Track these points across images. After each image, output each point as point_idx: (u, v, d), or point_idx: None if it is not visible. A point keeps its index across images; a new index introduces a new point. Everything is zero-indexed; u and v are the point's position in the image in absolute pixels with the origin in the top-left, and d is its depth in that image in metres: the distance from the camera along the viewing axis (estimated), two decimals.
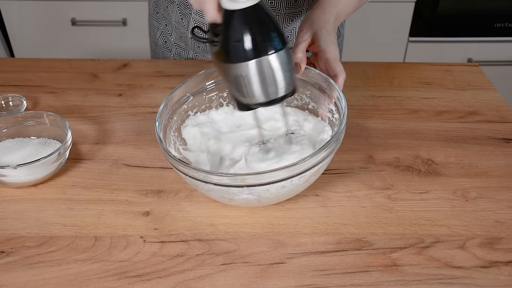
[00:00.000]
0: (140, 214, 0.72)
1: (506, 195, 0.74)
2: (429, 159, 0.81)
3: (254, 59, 0.59)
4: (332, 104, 0.75)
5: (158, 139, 0.69)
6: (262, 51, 0.59)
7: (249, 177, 0.62)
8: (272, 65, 0.60)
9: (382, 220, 0.70)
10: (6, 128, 0.82)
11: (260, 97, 0.62)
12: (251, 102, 0.63)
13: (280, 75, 0.61)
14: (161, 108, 0.73)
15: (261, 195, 0.66)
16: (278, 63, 0.60)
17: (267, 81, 0.61)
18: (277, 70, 0.60)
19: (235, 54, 0.60)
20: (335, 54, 0.74)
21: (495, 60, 1.95)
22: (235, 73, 0.61)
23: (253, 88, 0.61)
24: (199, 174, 0.64)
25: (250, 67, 0.60)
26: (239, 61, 0.60)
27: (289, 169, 0.62)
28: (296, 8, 0.98)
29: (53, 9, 1.86)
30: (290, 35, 1.02)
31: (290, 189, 0.67)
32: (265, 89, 0.61)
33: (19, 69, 1.04)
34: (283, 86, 0.62)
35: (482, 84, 1.00)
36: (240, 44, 0.59)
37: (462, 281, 0.62)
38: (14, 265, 0.64)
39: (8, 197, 0.75)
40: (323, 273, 0.63)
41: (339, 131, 0.66)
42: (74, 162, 0.81)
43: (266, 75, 0.60)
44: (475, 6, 1.87)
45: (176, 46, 1.08)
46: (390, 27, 1.90)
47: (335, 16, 0.77)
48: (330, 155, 0.67)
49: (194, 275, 0.63)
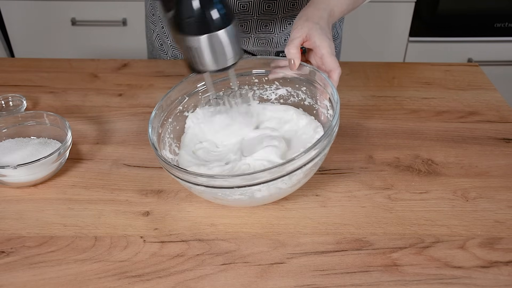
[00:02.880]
0: (140, 214, 0.72)
1: (506, 195, 0.74)
2: (429, 159, 0.81)
3: (205, 34, 0.65)
4: (327, 100, 0.75)
5: (152, 145, 0.69)
6: (213, 27, 0.65)
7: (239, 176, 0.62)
8: (221, 40, 0.66)
9: (382, 220, 0.70)
10: (6, 128, 0.82)
11: (211, 66, 0.69)
12: (202, 69, 0.70)
13: (228, 48, 0.67)
14: (154, 113, 0.74)
15: (253, 195, 0.65)
16: (227, 37, 0.66)
17: (216, 53, 0.67)
18: (225, 44, 0.67)
19: (187, 28, 0.65)
20: (330, 49, 0.74)
21: (495, 60, 1.94)
22: (188, 45, 0.66)
23: (205, 58, 0.68)
24: (188, 176, 0.64)
25: (201, 41, 0.66)
26: (191, 34, 0.65)
27: (279, 168, 0.62)
28: (294, 11, 0.98)
29: (53, 9, 1.86)
30: (287, 38, 1.01)
31: (284, 189, 0.67)
32: (215, 60, 0.68)
33: (19, 69, 1.04)
34: (231, 57, 0.69)
35: (482, 84, 1.00)
36: (192, 20, 0.65)
37: (462, 281, 0.62)
38: (14, 265, 0.64)
39: (8, 197, 0.75)
40: (323, 273, 0.63)
41: (331, 126, 0.66)
42: (74, 162, 0.81)
43: (216, 49, 0.67)
44: (475, 6, 1.87)
45: (173, 48, 1.08)
46: (390, 27, 1.90)
47: (328, 13, 0.78)
48: (324, 151, 0.66)
49: (194, 275, 0.63)
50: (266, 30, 0.99)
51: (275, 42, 1.01)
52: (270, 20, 0.98)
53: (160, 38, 1.09)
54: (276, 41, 1.01)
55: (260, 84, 0.84)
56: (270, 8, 0.96)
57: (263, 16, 0.97)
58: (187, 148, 0.78)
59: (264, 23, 0.98)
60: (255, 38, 1.00)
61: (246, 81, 0.83)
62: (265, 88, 0.84)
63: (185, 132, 0.81)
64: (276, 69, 0.81)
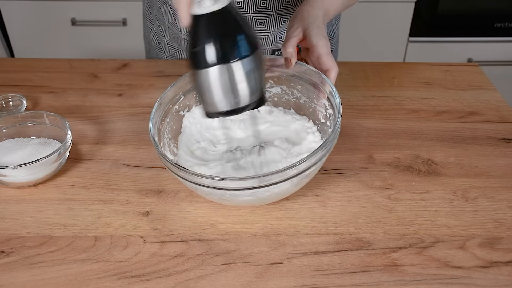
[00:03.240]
0: (140, 214, 0.72)
1: (506, 195, 0.74)
2: (429, 159, 0.81)
3: (212, 67, 0.57)
4: (325, 99, 0.75)
5: (154, 142, 0.68)
6: (223, 58, 0.56)
7: (251, 180, 0.62)
8: (233, 73, 0.57)
9: (382, 220, 0.70)
10: (6, 128, 0.82)
11: (220, 106, 0.59)
12: (212, 111, 0.61)
13: (243, 83, 0.58)
14: (154, 110, 0.73)
15: (262, 195, 0.66)
16: (241, 70, 0.57)
17: (227, 90, 0.58)
18: (239, 78, 0.57)
19: (194, 60, 0.58)
20: (327, 48, 0.74)
21: (495, 60, 1.94)
22: (196, 80, 0.59)
23: (213, 96, 0.58)
24: (200, 179, 0.63)
25: (208, 74, 0.57)
26: (198, 67, 0.58)
27: (286, 172, 0.62)
28: (289, 8, 0.98)
29: (53, 9, 1.86)
30: (283, 36, 1.01)
31: (287, 189, 0.67)
32: (226, 98, 0.58)
33: (19, 69, 1.04)
34: (247, 95, 0.59)
35: (482, 84, 1.00)
36: (199, 50, 0.57)
37: (462, 281, 0.62)
38: (14, 265, 0.64)
39: (8, 197, 0.75)
40: (323, 273, 0.63)
41: (335, 128, 0.66)
42: (74, 162, 0.81)
43: (226, 83, 0.57)
44: (475, 6, 1.87)
45: (170, 47, 1.08)
46: (390, 27, 1.90)
47: (323, 12, 0.78)
48: (329, 151, 0.67)
49: (194, 275, 0.63)
50: (261, 28, 0.99)
51: (270, 40, 1.01)
52: (265, 17, 0.98)
53: (158, 36, 1.09)
54: (271, 39, 1.01)
55: None
56: (264, 5, 0.96)
57: (257, 14, 0.97)
58: (185, 148, 0.78)
59: (259, 21, 0.98)
60: None
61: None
62: None
63: (182, 131, 0.81)
64: (272, 68, 0.81)
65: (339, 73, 0.75)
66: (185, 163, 0.75)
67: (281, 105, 0.84)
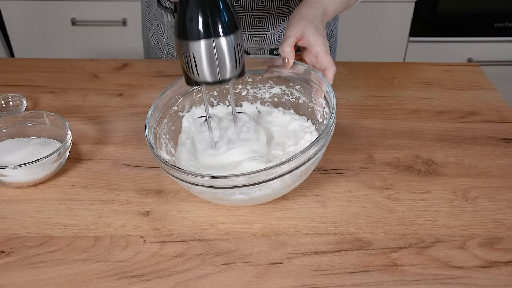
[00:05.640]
0: (140, 214, 0.72)
1: (506, 195, 0.74)
2: (429, 159, 0.81)
3: (204, 39, 0.62)
4: (322, 98, 0.76)
5: (148, 144, 0.68)
6: (214, 33, 0.62)
7: (240, 177, 0.62)
8: (222, 48, 0.63)
9: (382, 220, 0.70)
10: (6, 128, 0.82)
11: (207, 76, 0.65)
12: (198, 80, 0.66)
13: (228, 58, 0.64)
14: (150, 112, 0.73)
15: (254, 194, 0.66)
16: (227, 46, 0.63)
17: (214, 63, 0.64)
18: (225, 53, 0.64)
19: (186, 32, 0.62)
20: (325, 48, 0.74)
21: (495, 60, 1.94)
22: (185, 50, 0.64)
23: (201, 67, 0.64)
24: (186, 176, 0.63)
25: (200, 46, 0.63)
26: (190, 39, 0.63)
27: (280, 168, 0.62)
28: (287, 8, 0.98)
29: (53, 9, 1.86)
30: (281, 35, 1.01)
31: (279, 188, 0.67)
32: (212, 70, 0.65)
33: (19, 69, 1.04)
34: (230, 69, 0.65)
35: (482, 84, 1.00)
36: (192, 23, 0.62)
37: (462, 281, 0.62)
38: (14, 265, 0.64)
39: (8, 197, 0.75)
40: (323, 273, 0.63)
41: (329, 124, 0.66)
42: (74, 162, 0.81)
43: (214, 57, 0.63)
44: (475, 6, 1.87)
45: (168, 46, 1.08)
46: (390, 27, 1.90)
47: (322, 12, 0.78)
48: (321, 150, 0.66)
49: (194, 275, 0.63)
50: (259, 27, 0.99)
51: (268, 39, 1.01)
52: (263, 16, 0.98)
53: (156, 36, 1.09)
54: (270, 38, 1.01)
55: (254, 83, 0.84)
56: (263, 4, 0.96)
57: (256, 13, 0.97)
58: (184, 147, 0.78)
59: (257, 20, 0.98)
60: (249, 35, 1.01)
61: (239, 80, 0.83)
62: (259, 87, 0.84)
63: (182, 131, 0.81)
64: (270, 68, 0.81)
65: (339, 73, 0.75)
66: (184, 162, 0.75)
67: (281, 106, 0.84)
